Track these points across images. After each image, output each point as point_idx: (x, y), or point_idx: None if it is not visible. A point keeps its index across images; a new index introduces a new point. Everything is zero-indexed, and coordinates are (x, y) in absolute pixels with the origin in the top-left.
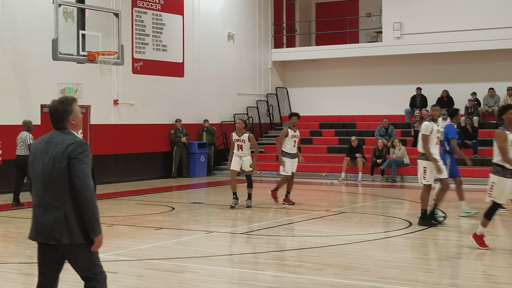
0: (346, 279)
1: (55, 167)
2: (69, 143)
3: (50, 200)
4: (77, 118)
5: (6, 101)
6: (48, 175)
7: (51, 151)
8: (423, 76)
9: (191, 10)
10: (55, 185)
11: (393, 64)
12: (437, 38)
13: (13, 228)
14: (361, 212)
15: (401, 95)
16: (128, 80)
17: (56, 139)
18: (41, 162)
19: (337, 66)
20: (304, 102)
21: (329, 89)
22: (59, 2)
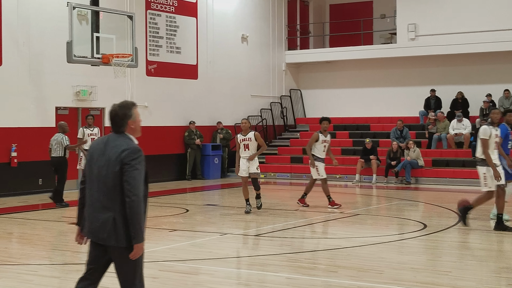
0: (360, 281)
1: (109, 170)
2: (124, 149)
3: (102, 201)
4: (136, 123)
5: (21, 104)
6: (103, 177)
7: (107, 154)
8: (438, 77)
9: (205, 12)
10: (107, 188)
11: (407, 66)
12: (452, 39)
13: (29, 229)
14: (376, 214)
15: (416, 97)
16: (142, 82)
17: (113, 142)
18: (98, 164)
19: (351, 68)
20: (318, 104)
21: (343, 91)
22: (73, 4)
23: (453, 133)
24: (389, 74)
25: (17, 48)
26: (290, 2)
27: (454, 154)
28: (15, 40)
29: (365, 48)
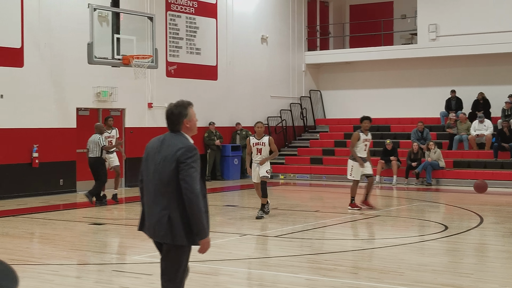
0: (380, 283)
1: (165, 168)
2: (179, 147)
3: (158, 199)
4: (192, 122)
5: (42, 105)
6: (159, 175)
7: (163, 152)
8: (459, 78)
9: (225, 13)
10: (163, 186)
11: (428, 66)
12: (473, 39)
13: (50, 230)
14: (396, 215)
15: (437, 97)
16: (162, 83)
17: (169, 141)
18: (154, 162)
19: (371, 69)
20: (338, 105)
21: (363, 92)
22: (94, 6)
23: (474, 134)
24: (409, 74)
25: (38, 49)
26: (310, 2)
27: (475, 155)
28: (37, 41)
29: (385, 48)
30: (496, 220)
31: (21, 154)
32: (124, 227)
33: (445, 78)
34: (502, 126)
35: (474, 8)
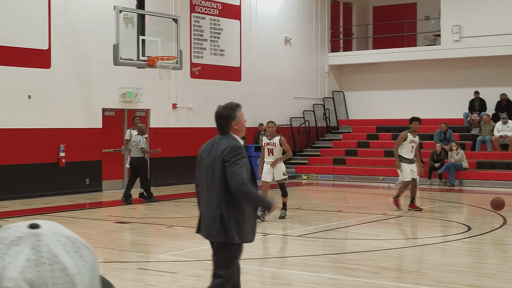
0: (403, 283)
1: (214, 169)
2: (225, 147)
3: (211, 200)
4: (240, 124)
5: (69, 105)
6: (210, 176)
7: (212, 154)
8: (482, 79)
9: (248, 14)
10: (214, 186)
11: (451, 67)
12: (496, 41)
13: (77, 228)
14: (419, 216)
15: (460, 98)
16: (187, 84)
17: (217, 143)
18: (205, 164)
19: (395, 70)
20: (360, 106)
21: (386, 93)
22: (120, 8)
23: (498, 135)
24: (432, 76)
25: (65, 51)
26: (333, 4)
27: (499, 156)
28: (64, 43)
29: (408, 50)
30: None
31: (48, 153)
32: (149, 225)
33: (469, 79)
34: None
35: (498, 10)
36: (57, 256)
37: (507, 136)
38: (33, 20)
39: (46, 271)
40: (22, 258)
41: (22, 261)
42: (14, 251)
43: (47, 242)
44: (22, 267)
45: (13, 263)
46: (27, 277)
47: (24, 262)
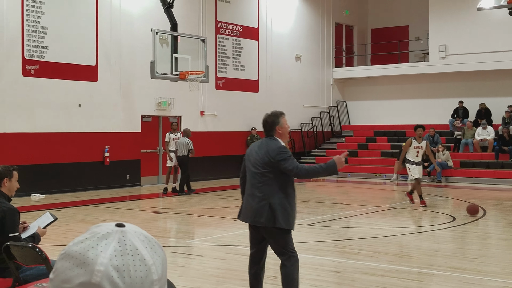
0: (398, 266)
1: (262, 166)
2: (272, 149)
3: (258, 191)
4: (283, 129)
5: (112, 112)
6: (257, 172)
7: (260, 153)
8: (465, 90)
9: (265, 36)
10: (262, 180)
11: (438, 81)
12: (477, 58)
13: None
14: (411, 208)
15: (446, 107)
16: (212, 95)
17: (265, 144)
18: (252, 161)
19: (390, 83)
20: (361, 113)
21: (382, 102)
22: (156, 30)
23: (478, 139)
24: (422, 87)
25: (110, 66)
26: (337, 26)
27: (479, 157)
28: (109, 60)
29: (401, 65)
30: (497, 212)
31: (95, 154)
32: (180, 215)
33: (453, 91)
34: (503, 132)
35: (478, 31)
36: (137, 249)
37: (486, 139)
38: (83, 40)
39: (129, 260)
40: (110, 249)
41: (111, 251)
42: (104, 243)
43: (130, 238)
44: (111, 255)
45: (104, 252)
46: (114, 263)
47: (112, 251)
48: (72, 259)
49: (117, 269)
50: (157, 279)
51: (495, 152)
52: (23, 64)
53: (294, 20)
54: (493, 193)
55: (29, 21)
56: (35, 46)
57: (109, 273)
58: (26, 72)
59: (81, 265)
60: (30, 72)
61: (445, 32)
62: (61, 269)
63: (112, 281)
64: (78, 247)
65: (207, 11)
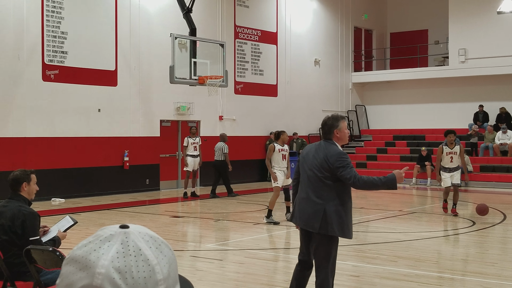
0: (417, 270)
1: (320, 170)
2: (331, 154)
3: (313, 195)
4: (342, 133)
5: (132, 117)
6: (314, 176)
7: (318, 156)
8: (485, 94)
9: (284, 40)
10: (318, 184)
11: (458, 85)
12: (496, 62)
13: (138, 221)
14: (430, 212)
15: (465, 111)
16: (231, 99)
17: (323, 148)
18: (308, 164)
19: (409, 87)
20: (379, 118)
21: (401, 106)
22: (175, 35)
23: (498, 143)
24: (442, 92)
25: (129, 71)
26: (356, 30)
27: (499, 161)
28: (128, 65)
29: (421, 69)
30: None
31: (114, 158)
32: (199, 219)
33: (473, 95)
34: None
35: (498, 35)
36: (140, 250)
37: (506, 143)
38: (102, 45)
39: (132, 261)
40: (113, 250)
41: (113, 253)
42: (107, 245)
43: (134, 239)
44: (112, 257)
45: (105, 254)
46: (116, 265)
47: (114, 253)
48: (76, 263)
49: (118, 270)
50: (162, 279)
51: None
52: (43, 69)
53: (313, 24)
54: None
55: (49, 27)
56: (55, 51)
57: (110, 275)
58: (46, 77)
59: (83, 268)
60: (50, 77)
61: (465, 36)
62: (66, 274)
63: (113, 282)
64: (81, 250)
65: (226, 16)
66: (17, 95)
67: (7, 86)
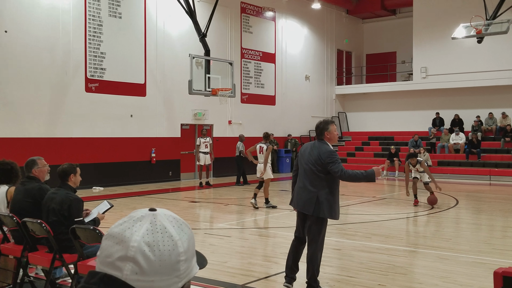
0: (387, 245)
1: (314, 165)
2: (323, 152)
3: (309, 185)
4: (331, 134)
5: (158, 121)
6: (309, 169)
7: (313, 153)
8: (441, 104)
9: (281, 59)
10: (312, 176)
11: (420, 96)
12: (452, 77)
13: (162, 205)
14: (397, 198)
15: (426, 117)
16: (238, 107)
17: (317, 146)
18: (305, 160)
19: (381, 98)
20: (358, 122)
21: (375, 113)
22: (193, 55)
23: (452, 143)
24: (407, 101)
25: (155, 84)
26: (338, 52)
27: (453, 157)
28: (155, 79)
29: (390, 84)
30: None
31: (144, 154)
32: (212, 204)
33: (431, 104)
34: (472, 137)
35: (452, 56)
36: (166, 228)
37: (458, 143)
38: (134, 63)
39: (159, 237)
40: (143, 229)
41: (143, 230)
42: (138, 224)
43: (160, 219)
44: (143, 234)
45: (137, 231)
46: (146, 240)
47: (144, 231)
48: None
49: (148, 244)
50: (183, 252)
51: (466, 153)
52: (86, 83)
53: (304, 47)
54: (464, 187)
55: (91, 48)
56: (96, 68)
57: (141, 248)
58: (88, 89)
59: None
60: (91, 89)
61: (426, 56)
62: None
63: (144, 254)
64: (118, 228)
65: (234, 40)
66: (65, 103)
67: (57, 96)
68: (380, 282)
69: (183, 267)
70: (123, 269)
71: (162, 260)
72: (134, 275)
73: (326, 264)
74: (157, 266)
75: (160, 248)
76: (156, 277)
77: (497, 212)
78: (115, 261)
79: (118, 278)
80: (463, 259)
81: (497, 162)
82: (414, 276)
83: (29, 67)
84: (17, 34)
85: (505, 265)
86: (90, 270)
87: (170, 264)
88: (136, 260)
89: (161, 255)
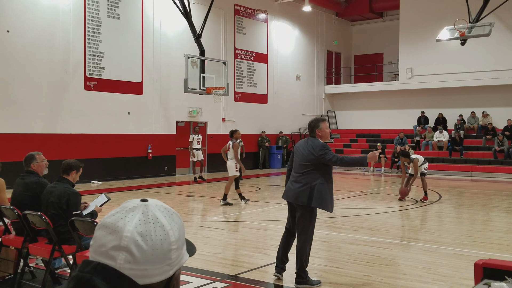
0: (373, 237)
1: (308, 158)
2: (316, 146)
3: (302, 178)
4: (322, 131)
5: (154, 119)
6: (304, 162)
7: (306, 150)
8: (426, 103)
9: (273, 59)
10: (305, 170)
11: (405, 96)
12: (436, 78)
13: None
14: (384, 193)
15: (411, 115)
16: (232, 105)
17: (310, 142)
18: (299, 155)
19: (368, 97)
20: (346, 120)
21: (363, 112)
22: (188, 55)
23: (436, 140)
24: (393, 101)
25: (152, 83)
26: (328, 53)
27: (437, 154)
28: (151, 78)
29: (377, 84)
30: (450, 197)
31: (141, 150)
32: (206, 198)
33: (416, 103)
34: (455, 135)
35: (436, 58)
36: (157, 218)
37: (442, 141)
38: (131, 62)
39: (151, 227)
40: (136, 219)
41: (136, 220)
42: (131, 214)
43: (152, 210)
44: (135, 224)
45: (130, 221)
46: (138, 230)
47: (137, 221)
48: (106, 228)
49: (141, 234)
50: (174, 241)
51: (449, 150)
52: (85, 81)
53: (295, 48)
54: (447, 182)
55: (90, 47)
56: (94, 66)
57: (134, 238)
58: (87, 87)
59: (112, 232)
60: (90, 87)
61: (411, 58)
62: (98, 237)
63: (137, 243)
64: (111, 218)
65: (228, 41)
66: (65, 101)
67: (57, 94)
68: (366, 273)
69: (174, 256)
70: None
71: (155, 249)
72: (128, 264)
73: (315, 255)
74: (149, 255)
75: (152, 237)
76: (149, 265)
77: (478, 206)
78: (108, 251)
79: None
80: (445, 251)
81: (479, 159)
82: (398, 268)
83: (30, 65)
84: (19, 34)
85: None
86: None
87: (162, 253)
88: (130, 250)
89: (154, 244)
